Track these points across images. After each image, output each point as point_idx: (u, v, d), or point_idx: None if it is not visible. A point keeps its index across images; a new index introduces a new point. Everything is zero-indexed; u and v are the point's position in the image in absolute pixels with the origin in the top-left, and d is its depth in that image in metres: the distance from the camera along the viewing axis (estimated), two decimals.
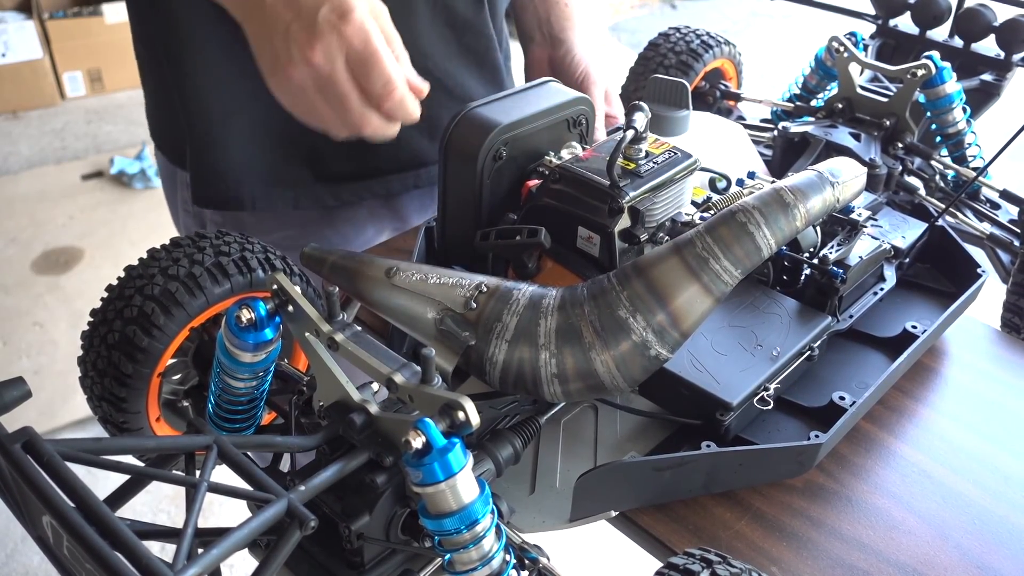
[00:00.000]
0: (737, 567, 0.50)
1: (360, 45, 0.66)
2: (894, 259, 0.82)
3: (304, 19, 0.65)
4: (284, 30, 0.66)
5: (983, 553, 0.64)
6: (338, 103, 0.69)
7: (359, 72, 0.67)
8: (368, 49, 0.66)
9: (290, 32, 0.66)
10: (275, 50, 0.67)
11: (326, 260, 0.69)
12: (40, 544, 0.45)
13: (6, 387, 0.48)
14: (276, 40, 0.66)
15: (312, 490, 0.51)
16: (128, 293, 0.66)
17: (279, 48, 0.67)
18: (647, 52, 1.14)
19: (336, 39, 0.65)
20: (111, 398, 0.67)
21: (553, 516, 0.65)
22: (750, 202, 0.60)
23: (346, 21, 0.65)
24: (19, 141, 3.27)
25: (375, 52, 0.67)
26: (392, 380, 0.53)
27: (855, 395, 0.71)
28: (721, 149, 0.92)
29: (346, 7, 0.65)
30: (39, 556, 1.77)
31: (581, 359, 0.59)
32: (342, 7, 0.65)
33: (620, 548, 0.77)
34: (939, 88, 0.99)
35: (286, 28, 0.66)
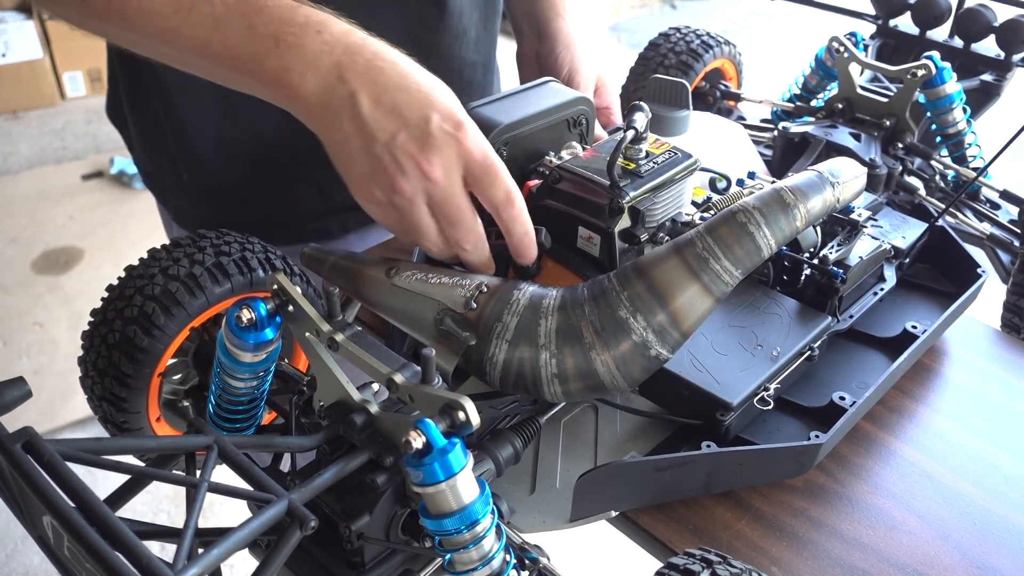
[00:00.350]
0: (737, 567, 0.50)
1: (480, 156, 0.62)
2: (894, 259, 0.82)
3: (413, 129, 0.60)
4: (388, 140, 0.60)
5: (983, 553, 0.64)
6: (450, 219, 0.64)
7: (479, 183, 0.63)
8: (488, 159, 0.62)
9: (396, 143, 0.60)
10: (376, 161, 0.61)
11: (326, 260, 0.69)
12: (40, 544, 0.45)
13: (6, 387, 0.48)
14: (378, 150, 0.61)
15: (312, 490, 0.51)
16: (128, 293, 0.66)
17: (383, 159, 0.61)
18: (647, 52, 1.14)
19: (454, 151, 0.61)
20: (111, 398, 0.67)
21: (553, 516, 0.65)
22: (750, 202, 0.61)
23: (463, 132, 0.61)
24: (19, 141, 3.27)
25: (494, 162, 0.63)
26: (392, 380, 0.53)
27: (855, 395, 0.71)
28: (721, 149, 0.92)
29: (458, 118, 0.61)
30: (39, 556, 1.77)
31: (581, 359, 0.59)
32: (455, 117, 0.61)
33: (620, 548, 0.77)
34: (939, 88, 0.99)
35: (391, 138, 0.60)
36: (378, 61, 0.61)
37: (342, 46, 0.61)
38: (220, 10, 0.61)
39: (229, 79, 0.64)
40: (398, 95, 0.60)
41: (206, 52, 0.62)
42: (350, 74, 0.60)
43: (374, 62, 0.61)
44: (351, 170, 0.63)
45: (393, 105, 0.60)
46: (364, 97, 0.60)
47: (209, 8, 0.61)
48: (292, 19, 0.61)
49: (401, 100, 0.60)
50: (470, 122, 0.63)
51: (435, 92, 0.62)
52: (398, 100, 0.60)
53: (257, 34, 0.61)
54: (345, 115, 0.61)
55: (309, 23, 0.61)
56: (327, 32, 0.61)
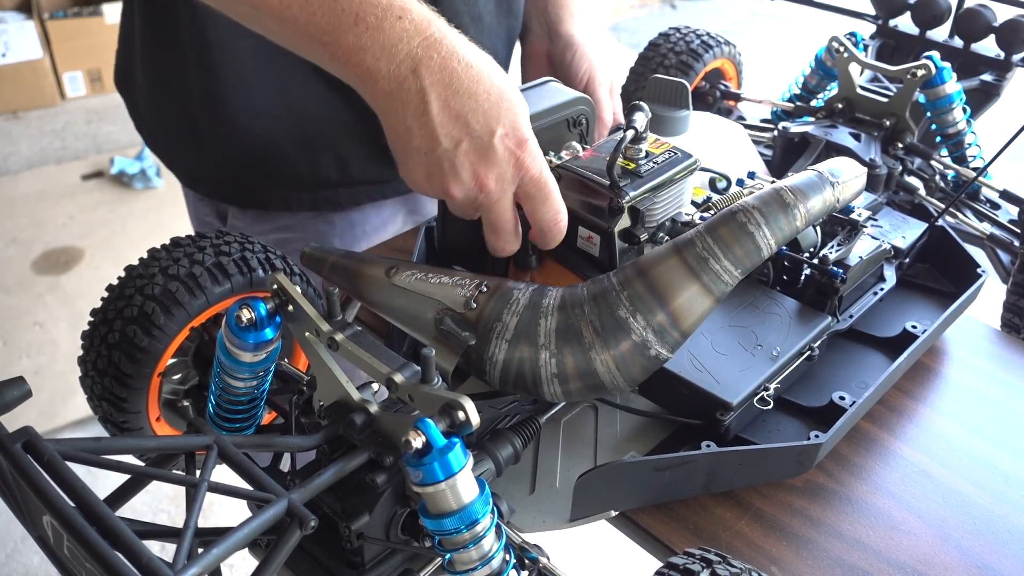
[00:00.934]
0: (737, 567, 0.50)
1: (537, 174, 0.64)
2: (894, 259, 0.82)
3: (477, 140, 0.61)
4: (452, 146, 0.61)
5: (983, 553, 0.64)
6: (493, 226, 0.67)
7: (531, 201, 0.65)
8: (543, 178, 0.64)
9: (459, 150, 0.61)
10: (435, 164, 0.63)
11: (326, 260, 0.69)
12: (40, 544, 0.45)
13: (6, 387, 0.48)
14: (439, 153, 0.62)
15: (312, 490, 0.51)
16: (128, 293, 0.66)
17: (442, 163, 0.62)
18: (647, 52, 1.14)
19: (512, 168, 0.63)
20: (111, 398, 0.67)
21: (553, 516, 0.65)
22: (750, 202, 0.61)
23: (524, 150, 0.62)
24: (19, 141, 3.27)
25: (547, 182, 0.64)
26: (392, 380, 0.53)
27: (855, 395, 0.71)
28: (721, 149, 0.92)
29: (522, 134, 0.62)
30: (39, 556, 1.77)
31: (581, 359, 0.59)
32: (518, 134, 0.62)
33: (620, 548, 0.77)
34: (939, 88, 0.99)
35: (455, 145, 0.61)
36: (453, 61, 0.60)
37: (420, 36, 0.60)
38: None
39: (301, 46, 0.63)
40: (467, 101, 0.60)
41: (285, 15, 0.61)
42: (424, 70, 0.60)
43: (449, 61, 0.60)
44: (407, 162, 0.64)
45: (460, 111, 0.61)
46: (434, 97, 0.60)
47: None
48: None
49: (469, 107, 0.61)
50: (532, 139, 0.63)
51: (503, 103, 0.62)
52: (466, 107, 0.61)
53: (339, 7, 0.60)
54: (412, 110, 0.61)
55: (392, 6, 0.60)
56: (407, 19, 0.60)
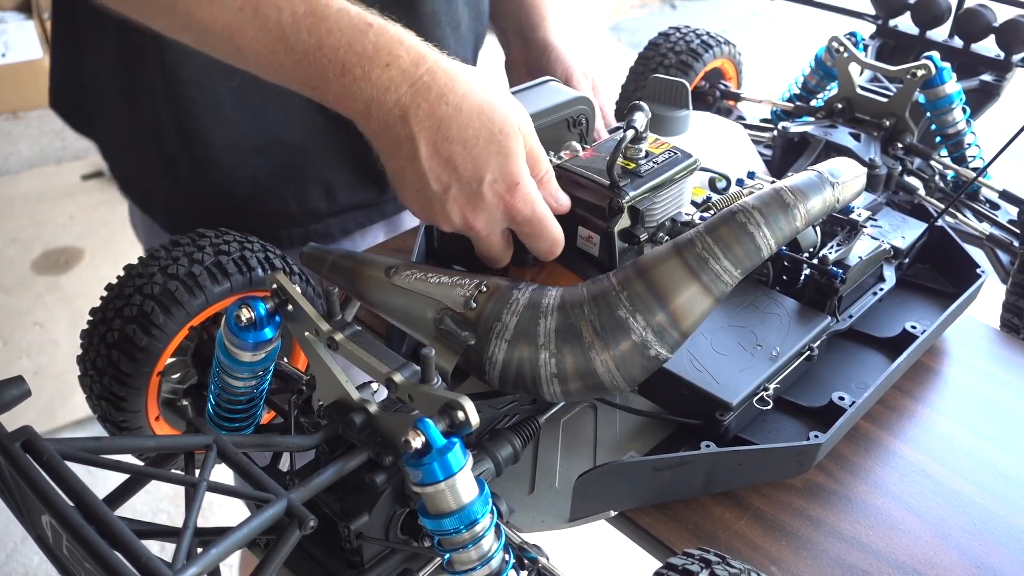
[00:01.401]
0: (736, 567, 0.50)
1: (527, 215, 0.64)
2: (894, 259, 0.82)
3: (466, 187, 0.62)
4: (442, 191, 0.62)
5: (983, 553, 0.64)
6: (483, 253, 0.69)
7: (524, 236, 0.66)
8: (535, 217, 0.64)
9: (448, 195, 0.62)
10: (426, 201, 0.64)
11: (326, 259, 0.69)
12: (40, 543, 0.45)
13: (5, 386, 0.48)
14: (429, 195, 0.63)
15: (311, 489, 0.51)
16: (128, 292, 0.66)
17: (433, 204, 0.63)
18: (647, 52, 1.14)
19: (501, 211, 0.63)
20: (110, 397, 0.67)
21: (552, 516, 0.65)
22: (750, 202, 0.60)
23: (514, 194, 0.62)
24: (19, 141, 3.27)
25: (542, 218, 0.64)
26: (391, 379, 0.53)
27: (854, 395, 0.71)
28: (721, 149, 0.92)
29: (513, 178, 0.62)
30: (39, 556, 1.77)
31: (581, 359, 0.59)
32: (509, 179, 0.62)
33: (620, 548, 0.77)
34: (939, 88, 0.99)
35: (444, 190, 0.62)
36: (441, 107, 0.60)
37: (408, 83, 0.60)
38: (288, 19, 0.59)
39: (289, 86, 0.63)
40: (455, 148, 0.61)
41: (271, 60, 0.61)
42: (412, 118, 0.60)
43: (437, 108, 0.60)
44: (404, 193, 0.65)
45: (449, 158, 0.61)
46: (423, 144, 0.61)
47: (276, 15, 0.59)
48: (361, 46, 0.59)
49: (458, 153, 0.61)
50: (524, 179, 0.63)
51: (492, 146, 0.61)
52: (455, 153, 0.61)
53: (324, 57, 0.59)
54: (403, 153, 0.62)
55: (378, 53, 0.60)
56: (395, 67, 0.60)
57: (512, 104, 0.64)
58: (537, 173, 0.65)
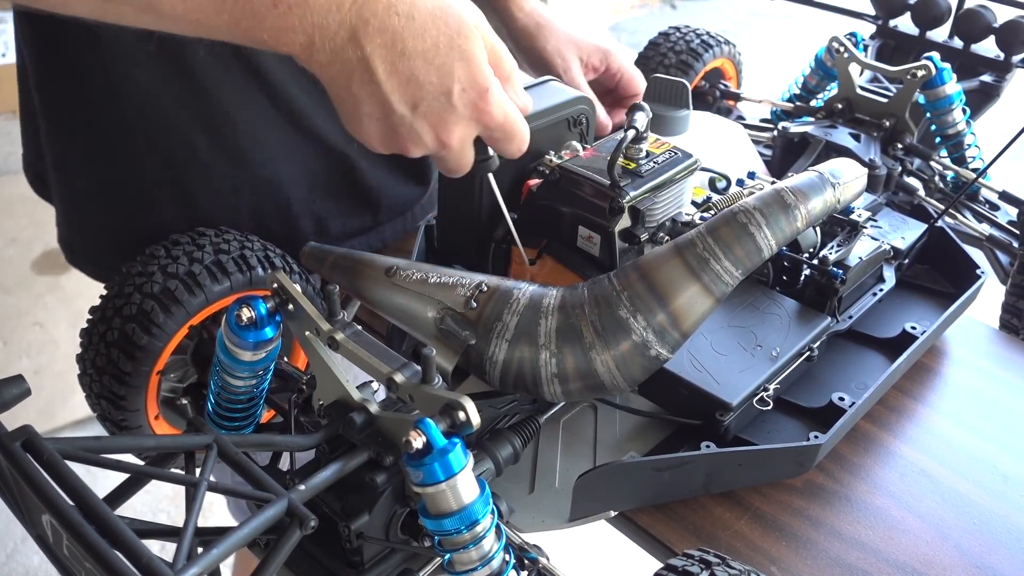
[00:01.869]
0: (736, 568, 0.50)
1: (500, 120, 0.59)
2: (894, 260, 0.82)
3: (432, 100, 0.56)
4: (408, 111, 0.57)
5: (983, 553, 0.64)
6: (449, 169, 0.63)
7: (495, 141, 0.62)
8: (507, 121, 0.60)
9: (418, 113, 0.57)
10: (391, 129, 0.58)
11: (326, 259, 0.69)
12: (40, 543, 0.45)
13: (5, 385, 0.48)
14: (394, 120, 0.57)
15: (312, 489, 0.51)
16: (127, 291, 0.66)
17: (399, 129, 0.58)
18: (647, 52, 1.14)
19: (475, 120, 0.59)
20: (110, 396, 0.67)
21: (553, 516, 0.65)
22: (751, 203, 0.60)
23: (486, 100, 0.58)
24: (19, 141, 3.26)
25: (512, 121, 0.60)
26: (392, 379, 0.53)
27: (854, 396, 0.71)
28: (721, 149, 0.92)
29: (482, 84, 0.57)
30: (39, 556, 1.77)
31: (581, 359, 0.59)
32: (478, 85, 0.57)
33: (620, 548, 0.77)
34: (939, 89, 0.99)
35: (409, 111, 0.57)
36: (392, 18, 0.54)
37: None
38: None
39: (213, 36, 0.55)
40: (416, 62, 0.55)
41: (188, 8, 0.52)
42: (363, 36, 0.54)
43: (388, 20, 0.54)
44: (358, 126, 0.59)
45: (411, 74, 0.55)
46: (379, 63, 0.54)
47: None
48: None
49: (420, 68, 0.55)
50: (492, 82, 0.58)
51: (453, 51, 0.56)
52: (417, 68, 0.55)
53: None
54: (357, 79, 0.55)
55: None
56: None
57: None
58: (502, 71, 0.60)
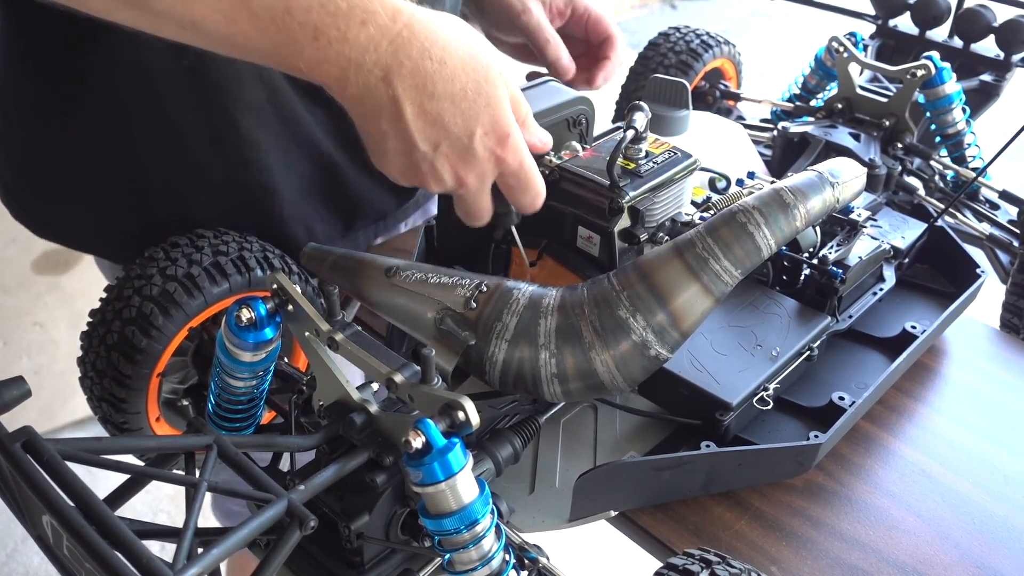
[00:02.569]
0: (736, 567, 0.50)
1: (516, 168, 0.62)
2: (893, 259, 0.82)
3: (456, 142, 0.59)
4: (431, 149, 0.59)
5: (983, 553, 0.64)
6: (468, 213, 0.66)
7: (510, 189, 0.64)
8: (523, 170, 0.63)
9: (439, 152, 0.60)
10: (414, 165, 0.61)
11: (326, 259, 0.69)
12: (40, 544, 0.45)
13: (6, 386, 0.48)
14: (416, 156, 0.60)
15: (312, 490, 0.51)
16: (127, 294, 0.66)
17: (421, 165, 0.61)
18: (647, 52, 1.14)
19: (493, 164, 0.61)
20: (111, 399, 0.67)
21: (553, 516, 0.65)
22: (750, 202, 0.61)
23: (505, 146, 0.61)
24: None
25: (528, 171, 0.63)
26: (392, 380, 0.53)
27: (854, 395, 0.71)
28: (721, 149, 0.92)
29: (503, 129, 0.60)
30: (39, 556, 1.77)
31: (581, 359, 0.59)
32: (499, 131, 0.60)
33: (620, 548, 0.77)
34: (939, 88, 0.99)
35: (432, 149, 0.59)
36: (425, 62, 0.57)
37: (387, 40, 0.56)
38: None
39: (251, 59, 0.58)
40: (444, 104, 0.58)
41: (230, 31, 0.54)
42: (395, 77, 0.56)
43: (421, 64, 0.57)
44: (382, 159, 0.62)
45: (438, 115, 0.58)
46: (407, 104, 0.57)
47: None
48: (334, 5, 0.54)
49: (446, 110, 0.58)
50: (513, 130, 0.61)
51: (480, 98, 0.59)
52: (443, 110, 0.58)
53: (293, 21, 0.54)
54: (386, 116, 0.58)
55: (352, 10, 0.55)
56: (372, 23, 0.55)
57: (490, 48, 0.60)
58: (520, 116, 0.63)
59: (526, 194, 0.65)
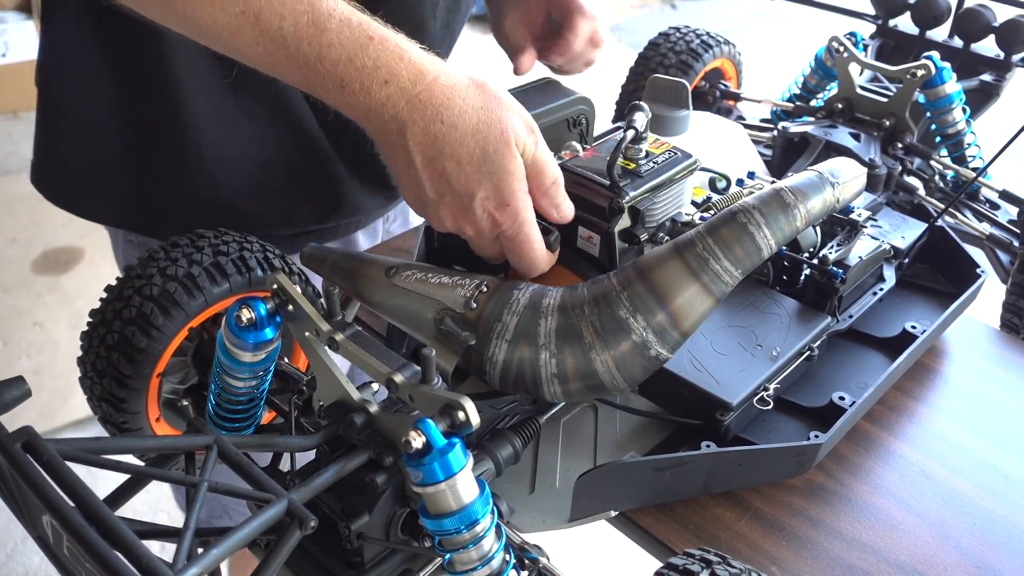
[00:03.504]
0: (736, 567, 0.50)
1: (512, 233, 0.64)
2: (894, 259, 0.82)
3: (457, 200, 0.63)
4: (436, 198, 0.63)
5: (983, 553, 0.64)
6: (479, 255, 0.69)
7: (508, 252, 0.66)
8: (520, 236, 0.65)
9: (443, 202, 0.63)
10: (421, 202, 0.65)
11: (326, 259, 0.69)
12: (40, 544, 0.45)
13: (6, 386, 0.48)
14: (424, 198, 0.64)
15: (312, 490, 0.51)
16: (127, 294, 0.66)
17: (427, 207, 0.65)
18: (647, 52, 1.14)
19: (490, 226, 0.64)
20: (111, 399, 0.67)
21: (553, 516, 0.65)
22: (750, 202, 0.60)
23: (503, 212, 0.63)
24: (19, 141, 3.27)
25: (525, 239, 0.65)
26: (392, 380, 0.53)
27: (855, 395, 0.71)
28: (721, 149, 0.92)
29: (503, 198, 0.63)
30: (39, 556, 1.77)
31: (581, 359, 0.59)
32: (500, 198, 0.63)
33: (620, 548, 0.77)
34: (939, 88, 0.99)
35: (438, 198, 0.63)
36: (436, 124, 0.61)
37: (405, 99, 0.60)
38: (289, 29, 0.59)
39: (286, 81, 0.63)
40: (449, 164, 0.61)
41: (269, 63, 0.61)
42: (408, 133, 0.61)
43: (432, 126, 0.61)
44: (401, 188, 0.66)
45: (443, 172, 0.62)
46: (418, 156, 0.61)
47: (278, 23, 0.59)
48: (361, 62, 0.60)
49: (451, 170, 0.61)
50: (514, 199, 0.63)
51: (485, 166, 0.61)
52: (449, 169, 0.61)
53: (323, 70, 0.60)
54: (400, 160, 0.63)
55: (377, 70, 0.60)
56: (393, 83, 0.60)
57: (513, 116, 0.62)
58: (543, 184, 0.65)
59: (520, 260, 0.66)
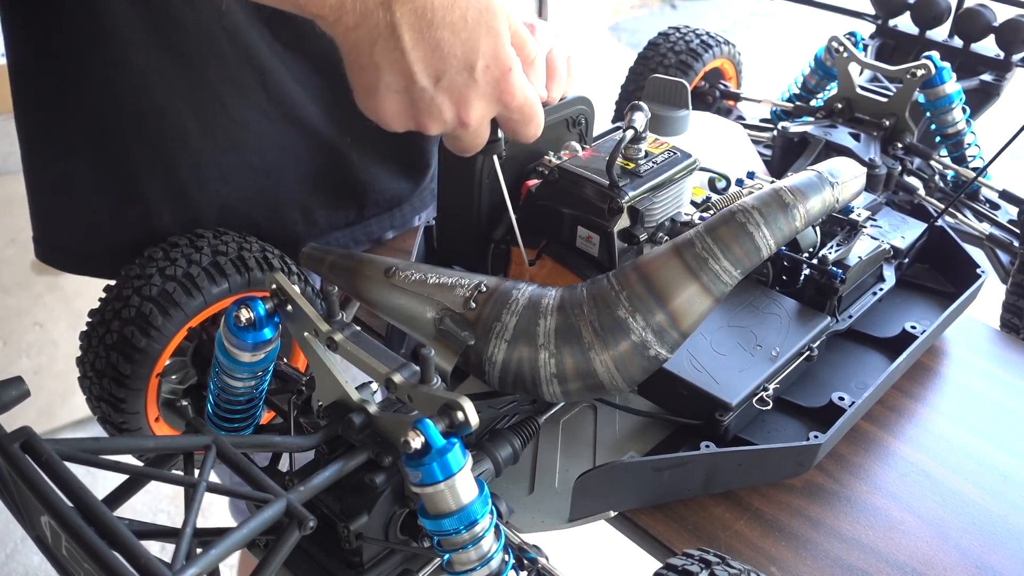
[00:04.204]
0: (736, 568, 0.50)
1: (520, 102, 0.60)
2: (893, 259, 0.82)
3: (457, 76, 0.57)
4: (431, 84, 0.57)
5: (983, 553, 0.64)
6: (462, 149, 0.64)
7: (511, 123, 0.62)
8: (526, 104, 0.60)
9: (440, 86, 0.57)
10: (411, 103, 0.58)
11: (325, 259, 0.69)
12: (39, 544, 0.45)
13: (5, 386, 0.48)
14: (415, 92, 0.57)
15: (311, 490, 0.51)
16: (126, 294, 0.66)
17: (419, 102, 0.58)
18: (647, 52, 1.14)
19: (496, 99, 0.59)
20: (110, 399, 0.67)
21: (552, 516, 0.65)
22: (750, 202, 0.60)
23: (508, 79, 0.58)
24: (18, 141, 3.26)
25: (531, 105, 0.61)
26: (391, 380, 0.53)
27: (854, 395, 0.71)
28: (721, 149, 0.92)
29: (505, 63, 0.58)
30: (39, 556, 1.77)
31: (580, 359, 0.59)
32: (502, 63, 0.57)
33: (619, 548, 0.77)
34: (939, 88, 0.99)
35: (433, 82, 0.57)
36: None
37: None
38: None
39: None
40: (443, 33, 0.55)
41: None
42: (395, 3, 0.54)
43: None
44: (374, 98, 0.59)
45: (437, 44, 0.55)
46: (406, 30, 0.54)
47: None
48: None
49: (446, 39, 0.55)
50: (515, 64, 0.58)
51: (481, 27, 0.56)
52: (443, 39, 0.55)
53: None
54: (381, 45, 0.55)
55: None
56: None
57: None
58: (526, 56, 0.61)
59: (528, 127, 0.63)
